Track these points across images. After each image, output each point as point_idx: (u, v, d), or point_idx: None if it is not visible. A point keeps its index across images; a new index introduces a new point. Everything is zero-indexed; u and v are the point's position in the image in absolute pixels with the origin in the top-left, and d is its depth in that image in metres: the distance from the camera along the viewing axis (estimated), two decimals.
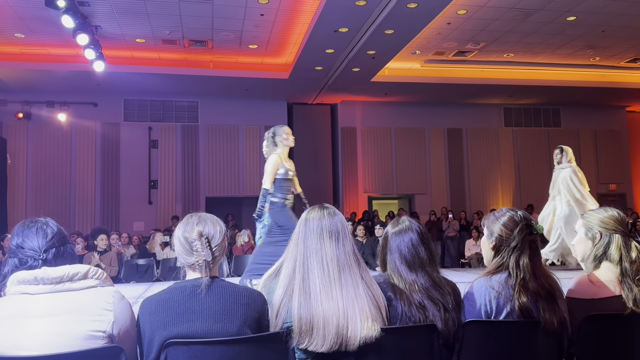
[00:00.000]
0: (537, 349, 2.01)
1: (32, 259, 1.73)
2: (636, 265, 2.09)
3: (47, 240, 1.77)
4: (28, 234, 1.77)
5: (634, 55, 11.59)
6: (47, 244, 1.76)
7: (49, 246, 1.76)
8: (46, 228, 1.80)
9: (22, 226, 1.80)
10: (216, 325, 1.73)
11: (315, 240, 1.91)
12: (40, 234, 1.77)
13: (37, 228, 1.79)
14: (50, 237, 1.78)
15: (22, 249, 1.75)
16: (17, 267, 1.73)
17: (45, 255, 1.74)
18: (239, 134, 13.25)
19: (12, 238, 1.79)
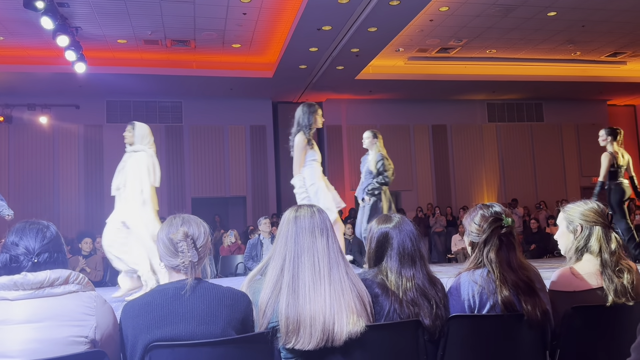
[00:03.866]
0: (521, 342, 2.03)
1: (23, 259, 1.70)
2: (616, 256, 2.12)
3: (43, 243, 1.74)
4: (27, 233, 1.74)
5: (614, 49, 11.75)
6: (42, 247, 1.73)
7: (43, 250, 1.73)
8: (46, 231, 1.77)
9: (24, 224, 1.78)
10: (200, 327, 1.72)
11: (307, 237, 1.90)
12: (39, 236, 1.74)
13: (38, 230, 1.76)
14: (46, 241, 1.75)
15: (17, 246, 1.72)
16: (5, 264, 1.70)
17: (37, 258, 1.71)
18: (224, 133, 13.19)
19: (10, 234, 1.76)
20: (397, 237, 2.07)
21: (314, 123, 4.70)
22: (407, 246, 2.05)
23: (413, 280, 2.01)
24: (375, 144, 5.85)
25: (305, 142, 4.65)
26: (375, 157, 5.77)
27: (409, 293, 1.99)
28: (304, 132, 4.66)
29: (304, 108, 4.77)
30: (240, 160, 13.21)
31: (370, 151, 5.89)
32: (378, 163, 5.71)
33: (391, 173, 5.75)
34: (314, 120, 4.69)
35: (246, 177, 13.23)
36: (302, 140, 4.64)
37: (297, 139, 4.66)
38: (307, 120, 4.67)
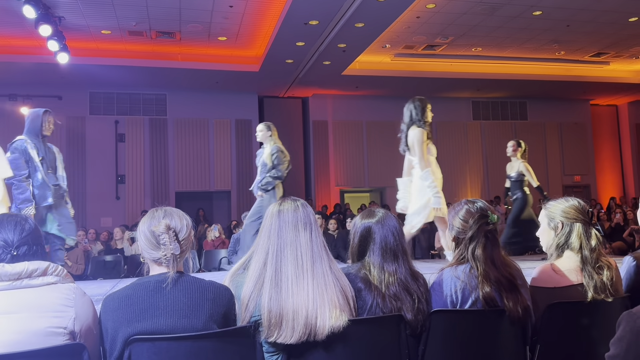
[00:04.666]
0: (502, 337, 2.05)
1: (1, 252, 1.69)
2: (596, 253, 2.15)
3: (22, 236, 1.73)
4: (5, 226, 1.73)
5: (598, 49, 11.89)
6: (21, 240, 1.72)
7: (21, 243, 1.72)
8: (24, 224, 1.76)
9: (1, 217, 1.76)
10: (181, 321, 1.71)
11: (290, 231, 1.90)
12: (18, 229, 1.73)
13: (16, 222, 1.75)
14: (25, 234, 1.74)
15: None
16: None
17: (16, 251, 1.70)
18: (209, 127, 13.10)
19: None
20: (380, 232, 2.07)
21: (427, 117, 4.67)
22: (389, 241, 2.06)
23: (395, 275, 2.02)
24: (269, 137, 5.74)
25: (425, 136, 4.61)
26: (270, 149, 5.65)
27: (392, 288, 2.00)
28: (421, 126, 4.63)
29: (416, 103, 4.75)
30: (225, 154, 13.14)
31: (265, 144, 5.77)
32: (273, 156, 5.59)
33: (286, 166, 5.60)
34: (427, 114, 4.68)
35: (231, 171, 13.17)
36: (423, 134, 4.60)
37: (416, 133, 4.60)
38: (420, 115, 4.67)
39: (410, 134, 4.60)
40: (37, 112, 4.64)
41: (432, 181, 4.55)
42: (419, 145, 4.53)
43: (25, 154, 4.40)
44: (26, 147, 4.41)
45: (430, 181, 4.54)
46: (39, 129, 4.55)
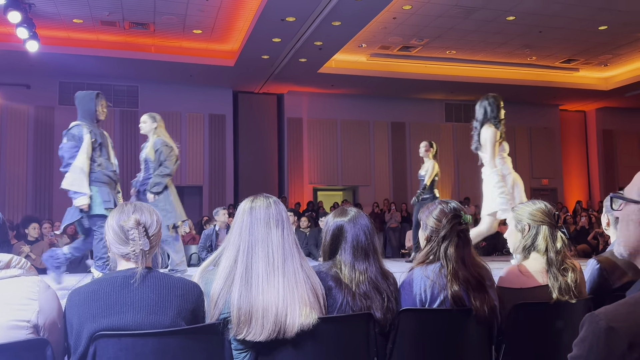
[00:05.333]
0: (468, 336, 2.08)
1: None
2: (561, 255, 2.20)
3: None
4: None
5: (568, 56, 12.18)
6: None
7: None
8: None
9: None
10: (149, 317, 1.68)
11: (262, 228, 1.89)
12: None
13: None
14: None
15: None
16: None
17: None
18: (181, 121, 12.93)
19: None
20: (352, 231, 2.08)
21: (501, 115, 4.63)
22: (361, 240, 2.06)
23: (366, 273, 2.03)
24: (154, 129, 5.10)
25: (497, 135, 4.56)
26: (153, 143, 5.00)
27: (362, 286, 2.01)
28: (495, 124, 4.58)
29: (491, 100, 4.70)
30: (197, 149, 12.99)
31: (149, 137, 5.13)
32: (157, 151, 4.97)
33: (173, 161, 5.00)
34: (501, 112, 4.64)
35: (203, 166, 13.03)
36: (495, 134, 4.56)
37: (489, 132, 4.55)
38: (495, 112, 4.63)
39: (482, 132, 4.59)
40: (90, 95, 4.40)
41: (498, 181, 4.58)
42: (490, 145, 4.54)
43: (80, 141, 4.19)
44: (82, 134, 4.19)
45: (496, 181, 4.57)
46: (93, 113, 4.33)
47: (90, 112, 4.32)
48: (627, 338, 0.90)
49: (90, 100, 4.34)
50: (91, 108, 4.32)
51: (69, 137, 4.18)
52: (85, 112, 4.31)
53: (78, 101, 4.39)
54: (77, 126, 4.23)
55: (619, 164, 15.65)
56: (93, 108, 4.32)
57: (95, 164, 4.25)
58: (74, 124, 4.28)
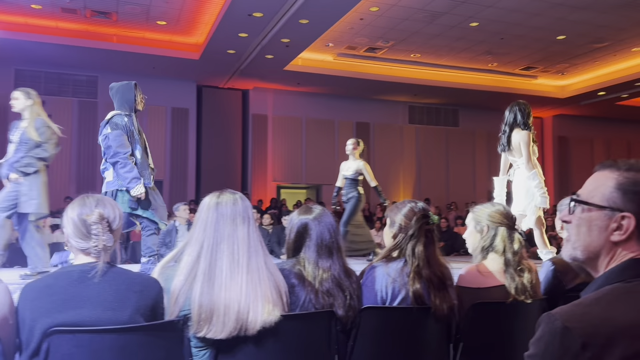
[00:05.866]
0: (428, 334, 2.11)
1: None
2: (518, 256, 2.26)
3: None
4: None
5: (527, 63, 12.55)
6: None
7: None
8: None
9: None
10: (106, 313, 1.64)
11: (228, 225, 1.86)
12: None
13: None
14: None
15: None
16: None
17: None
18: (142, 113, 12.48)
19: None
20: (316, 229, 2.08)
21: (531, 121, 4.78)
22: (325, 238, 2.07)
23: (329, 271, 2.04)
24: (30, 107, 4.46)
25: (531, 139, 4.68)
26: (34, 122, 4.39)
27: (325, 284, 2.01)
28: (527, 129, 4.69)
29: (522, 106, 4.80)
30: (158, 142, 12.72)
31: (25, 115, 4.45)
32: (39, 130, 4.37)
33: (53, 146, 4.46)
34: (530, 118, 4.79)
35: (164, 160, 12.78)
36: (530, 135, 4.66)
37: (524, 136, 4.65)
38: (526, 118, 4.74)
39: (516, 135, 4.69)
40: (129, 85, 4.27)
41: (539, 182, 4.68)
42: (525, 147, 4.63)
43: (126, 129, 4.07)
44: (126, 122, 4.08)
45: (537, 182, 4.67)
46: (132, 103, 4.21)
47: (130, 102, 4.23)
48: (581, 338, 0.93)
49: (129, 90, 4.25)
50: (130, 98, 4.23)
51: (112, 126, 4.08)
52: (125, 102, 4.22)
53: (115, 91, 4.30)
54: (119, 115, 4.14)
55: (572, 169, 16.23)
56: (132, 98, 4.24)
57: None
58: (114, 113, 4.18)
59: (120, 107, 4.20)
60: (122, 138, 4.04)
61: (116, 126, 4.07)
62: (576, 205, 1.13)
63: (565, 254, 1.17)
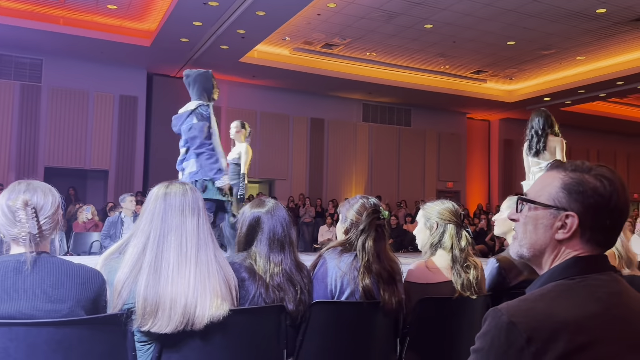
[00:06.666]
0: (376, 328, 2.13)
1: None
2: (465, 253, 2.32)
3: None
4: None
5: (478, 67, 12.91)
6: None
7: None
8: None
9: None
10: (44, 305, 1.56)
11: (176, 216, 1.80)
12: None
13: None
14: None
15: None
16: None
17: None
18: (89, 100, 12.16)
19: None
20: (269, 222, 2.06)
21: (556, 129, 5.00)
22: (277, 232, 2.05)
23: (281, 265, 2.02)
24: None
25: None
26: None
27: (276, 278, 1.99)
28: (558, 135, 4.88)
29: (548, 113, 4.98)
30: (105, 130, 12.29)
31: None
32: None
33: None
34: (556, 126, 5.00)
35: (110, 149, 12.35)
36: (563, 142, 4.86)
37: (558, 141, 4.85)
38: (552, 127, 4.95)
39: (552, 140, 4.89)
40: (207, 74, 4.23)
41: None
42: (561, 152, 4.84)
43: (209, 120, 4.05)
44: (210, 113, 4.08)
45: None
46: (211, 93, 4.19)
47: (208, 92, 4.21)
48: (526, 333, 0.95)
49: (208, 80, 4.24)
50: (209, 87, 4.22)
51: (198, 117, 4.05)
52: (203, 91, 4.20)
53: (192, 79, 4.25)
54: (204, 106, 4.14)
55: (517, 171, 16.83)
56: (211, 87, 4.23)
57: None
58: (198, 103, 4.16)
59: (200, 97, 4.22)
60: (207, 129, 4.08)
61: (202, 117, 4.09)
62: (524, 204, 1.16)
63: (512, 252, 1.20)
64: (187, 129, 4.10)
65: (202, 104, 4.18)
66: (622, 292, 1.06)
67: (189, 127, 4.09)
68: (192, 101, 4.24)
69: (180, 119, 4.22)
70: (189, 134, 4.10)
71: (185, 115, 4.17)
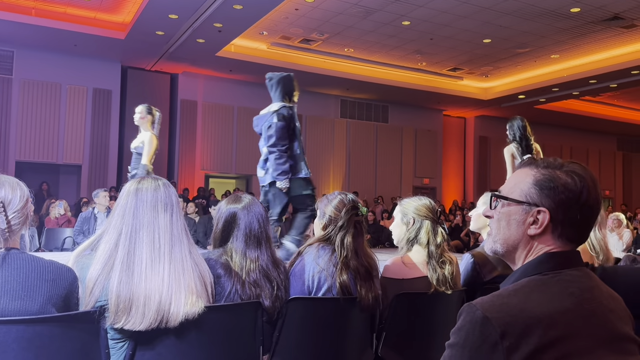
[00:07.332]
0: (353, 324, 2.14)
1: None
2: (441, 249, 2.34)
3: None
4: None
5: (454, 65, 13.04)
6: None
7: None
8: None
9: None
10: (13, 303, 1.52)
11: (148, 212, 1.77)
12: None
13: None
14: None
15: None
16: None
17: None
18: (61, 93, 11.90)
19: None
20: (245, 218, 2.04)
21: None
22: (254, 228, 2.04)
23: (257, 261, 2.01)
24: None
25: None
26: None
27: (252, 274, 1.98)
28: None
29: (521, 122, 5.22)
30: (78, 124, 12.05)
31: None
32: None
33: None
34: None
35: (84, 144, 12.11)
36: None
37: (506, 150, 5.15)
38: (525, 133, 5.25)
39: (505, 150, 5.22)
40: (290, 77, 4.35)
41: None
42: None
43: (291, 121, 4.13)
44: (292, 115, 4.15)
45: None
46: (292, 95, 4.29)
47: (290, 94, 4.32)
48: (500, 328, 0.97)
49: (290, 82, 4.38)
50: (291, 89, 4.34)
51: (279, 117, 4.15)
52: (286, 94, 4.32)
53: (275, 82, 4.36)
54: (286, 107, 4.23)
55: (491, 168, 17.09)
56: (292, 90, 4.35)
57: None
58: (280, 104, 4.25)
59: (282, 99, 4.33)
60: (284, 131, 4.16)
61: (283, 118, 4.19)
62: (498, 200, 1.17)
63: (486, 247, 1.21)
64: (266, 127, 4.25)
65: (284, 105, 4.30)
66: (594, 287, 1.08)
67: (267, 126, 4.24)
68: (274, 102, 4.38)
69: (262, 119, 4.36)
70: (267, 132, 4.24)
71: (267, 116, 4.31)
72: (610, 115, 16.82)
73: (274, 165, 4.15)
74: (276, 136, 4.14)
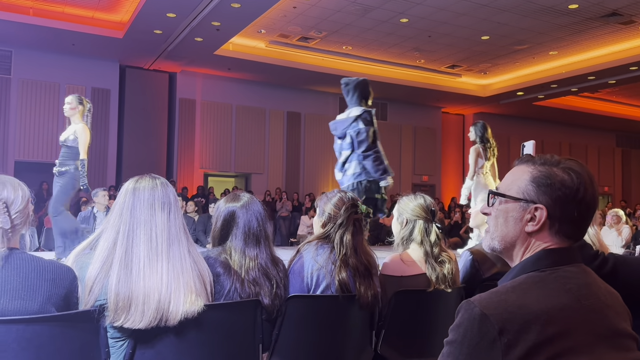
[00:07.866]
0: (352, 321, 2.15)
1: None
2: (438, 248, 2.35)
3: None
4: None
5: (453, 62, 13.03)
6: None
7: None
8: None
9: None
10: (13, 302, 1.53)
11: (145, 211, 1.77)
12: None
13: None
14: None
15: None
16: None
17: None
18: (60, 92, 11.88)
19: None
20: (244, 217, 2.05)
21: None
22: (253, 226, 2.04)
23: (256, 260, 2.01)
24: None
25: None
26: None
27: (251, 273, 1.99)
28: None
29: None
30: None
31: None
32: None
33: None
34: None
35: None
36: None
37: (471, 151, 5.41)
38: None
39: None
40: (365, 81, 4.52)
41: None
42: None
43: (373, 124, 4.33)
44: (372, 118, 4.35)
45: None
46: (368, 99, 4.46)
47: (366, 98, 4.52)
48: (498, 324, 0.97)
49: (366, 86, 4.58)
50: (367, 94, 4.54)
51: (364, 122, 4.36)
52: (363, 98, 4.51)
53: (352, 87, 4.55)
54: (367, 111, 4.42)
55: None
56: (368, 94, 4.54)
57: None
58: (361, 109, 4.45)
59: (359, 103, 4.52)
60: (372, 133, 4.40)
61: (368, 122, 4.41)
62: (495, 198, 1.17)
63: (484, 244, 1.21)
64: (355, 133, 4.43)
65: (365, 109, 4.47)
66: (592, 283, 1.09)
67: (356, 132, 4.42)
68: (353, 107, 4.55)
69: (344, 124, 4.54)
70: (358, 138, 4.42)
71: (350, 121, 4.48)
72: (609, 111, 16.82)
73: (374, 167, 4.41)
74: (368, 140, 4.38)
